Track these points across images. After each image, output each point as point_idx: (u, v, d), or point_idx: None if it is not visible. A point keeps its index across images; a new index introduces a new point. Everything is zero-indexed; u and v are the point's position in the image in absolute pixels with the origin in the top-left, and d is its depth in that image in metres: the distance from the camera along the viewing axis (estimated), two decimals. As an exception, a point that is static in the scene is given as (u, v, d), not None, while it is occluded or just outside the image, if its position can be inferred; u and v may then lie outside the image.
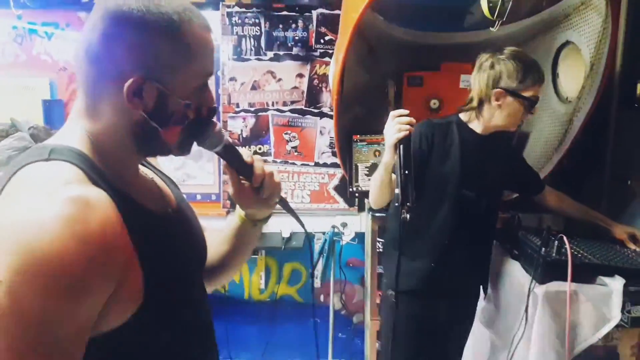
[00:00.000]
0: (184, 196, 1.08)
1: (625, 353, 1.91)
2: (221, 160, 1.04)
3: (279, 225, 2.96)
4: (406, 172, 1.44)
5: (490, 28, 2.13)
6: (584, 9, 2.33)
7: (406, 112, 1.55)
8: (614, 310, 1.86)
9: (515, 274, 2.09)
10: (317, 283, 3.16)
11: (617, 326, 1.82)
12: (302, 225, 1.11)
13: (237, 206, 1.08)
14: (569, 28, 2.46)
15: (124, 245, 0.75)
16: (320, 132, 2.97)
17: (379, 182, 1.73)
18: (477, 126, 1.96)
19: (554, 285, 1.90)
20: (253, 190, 1.00)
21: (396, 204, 1.68)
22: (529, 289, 1.92)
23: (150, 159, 1.06)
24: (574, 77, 2.49)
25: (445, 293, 2.00)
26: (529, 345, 1.92)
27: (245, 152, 0.98)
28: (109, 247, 0.71)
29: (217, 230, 1.17)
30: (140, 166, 0.96)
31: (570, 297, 1.85)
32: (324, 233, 2.98)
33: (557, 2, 2.48)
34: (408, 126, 1.51)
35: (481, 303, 2.25)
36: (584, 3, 2.32)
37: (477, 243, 2.04)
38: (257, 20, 2.88)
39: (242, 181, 1.00)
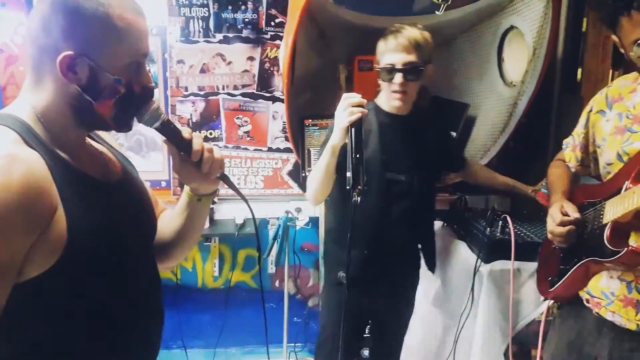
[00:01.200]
0: (137, 174, 1.17)
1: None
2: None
3: (232, 212, 2.93)
4: (357, 155, 1.44)
5: (436, 12, 2.14)
6: (528, -6, 2.40)
7: (358, 95, 1.55)
8: (553, 286, 1.95)
9: (462, 254, 2.15)
10: (272, 268, 3.16)
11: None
12: (247, 202, 1.16)
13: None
14: (513, 13, 2.52)
15: (49, 198, 0.86)
16: (273, 116, 2.93)
17: (324, 167, 1.69)
18: (389, 108, 1.90)
19: (499, 264, 1.97)
20: (193, 165, 1.05)
21: (344, 190, 1.67)
22: (475, 268, 1.98)
23: (105, 137, 1.15)
24: (518, 61, 2.56)
25: (381, 281, 1.94)
26: (475, 322, 1.98)
27: (185, 129, 1.05)
28: (31, 197, 0.82)
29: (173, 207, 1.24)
30: (91, 141, 1.07)
31: (513, 275, 1.92)
32: (278, 218, 2.96)
33: (504, -13, 2.54)
34: (360, 108, 1.51)
35: (431, 284, 2.31)
36: (528, -12, 2.38)
37: (413, 226, 1.99)
38: (205, 1, 2.80)
39: (183, 156, 1.05)
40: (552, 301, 1.64)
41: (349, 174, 1.44)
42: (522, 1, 2.45)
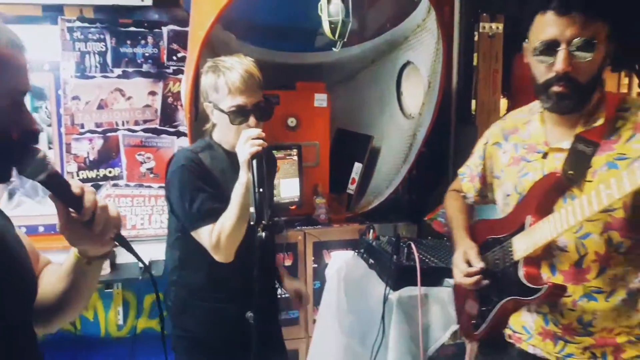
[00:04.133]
0: (13, 228, 1.01)
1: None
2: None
3: (135, 254, 2.77)
4: (260, 189, 1.41)
5: (333, 48, 2.20)
6: (420, 31, 2.55)
7: (258, 130, 1.52)
8: (458, 309, 2.01)
9: (373, 282, 2.17)
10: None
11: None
12: (142, 262, 1.04)
13: None
14: (408, 49, 2.67)
15: None
16: (178, 152, 2.84)
17: (239, 205, 1.52)
18: (230, 147, 1.65)
19: (406, 291, 2.01)
20: (83, 225, 0.91)
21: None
22: (384, 296, 2.00)
23: None
24: (416, 94, 2.70)
25: (238, 337, 1.61)
26: (387, 350, 1.99)
27: (74, 182, 0.92)
28: None
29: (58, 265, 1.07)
30: None
31: (420, 301, 1.96)
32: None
33: (399, 24, 2.68)
34: (260, 141, 1.49)
35: (345, 316, 2.30)
36: (420, 26, 2.54)
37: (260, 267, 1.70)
38: (101, 36, 2.69)
39: (72, 214, 0.91)
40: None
41: (252, 209, 1.40)
42: (416, 38, 2.61)
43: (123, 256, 2.78)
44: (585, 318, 1.19)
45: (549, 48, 1.12)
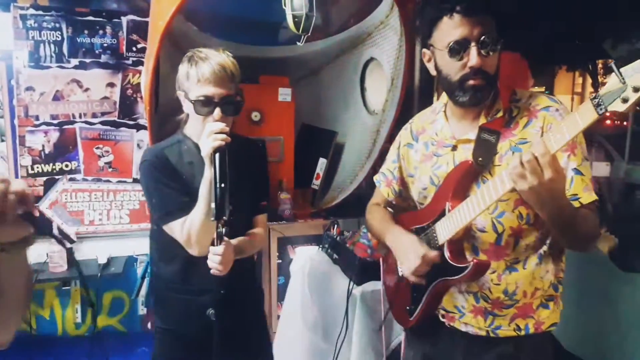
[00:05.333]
0: None
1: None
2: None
3: (93, 251, 2.71)
4: (222, 184, 1.39)
5: (297, 42, 2.19)
6: (383, 28, 2.57)
7: (221, 124, 1.50)
8: (421, 303, 2.04)
9: (337, 277, 2.19)
10: (142, 309, 2.94)
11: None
12: (64, 245, 0.97)
13: None
14: (372, 45, 2.69)
15: None
16: (138, 145, 2.77)
17: (205, 200, 1.48)
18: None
19: (370, 285, 2.03)
20: None
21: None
22: (348, 290, 2.02)
23: None
24: (379, 91, 2.72)
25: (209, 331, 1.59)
26: (351, 345, 2.01)
27: None
28: None
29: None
30: None
31: (384, 295, 1.98)
32: (146, 255, 2.78)
33: (362, 21, 2.69)
34: (223, 135, 1.45)
35: (310, 311, 2.31)
36: (383, 22, 2.55)
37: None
38: (57, 25, 2.59)
39: None
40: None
41: (212, 205, 1.38)
42: (380, 34, 2.62)
43: (81, 252, 2.71)
44: (510, 289, 1.31)
45: (460, 47, 1.22)
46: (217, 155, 1.43)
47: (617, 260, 2.12)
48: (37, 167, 2.66)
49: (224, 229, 1.41)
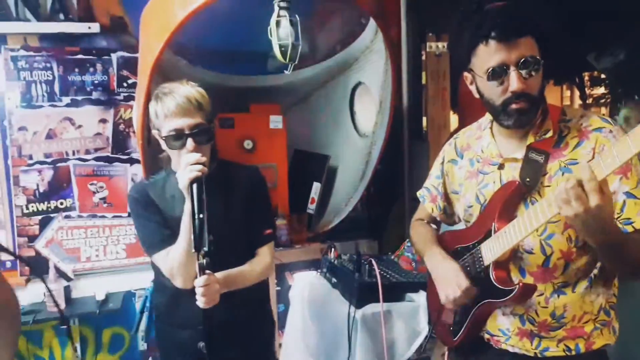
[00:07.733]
0: None
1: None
2: (14, 226, 0.80)
3: (91, 288, 2.69)
4: (200, 215, 1.39)
5: (285, 71, 2.23)
6: (369, 53, 2.62)
7: (197, 155, 1.49)
8: (422, 324, 2.03)
9: (337, 301, 2.17)
10: (143, 345, 2.90)
11: (428, 338, 1.93)
12: (16, 257, 0.90)
13: None
14: (359, 70, 2.74)
15: None
16: (132, 179, 2.78)
17: (186, 232, 1.49)
18: None
19: (370, 308, 2.02)
20: None
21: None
22: (349, 314, 2.01)
23: None
24: (368, 114, 2.75)
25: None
26: (354, 369, 1.99)
27: None
28: None
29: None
30: None
31: (384, 317, 1.97)
32: (145, 289, 2.76)
33: (348, 46, 2.74)
34: (199, 166, 1.44)
35: (311, 336, 2.28)
36: (368, 47, 2.61)
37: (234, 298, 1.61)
38: (48, 64, 2.63)
39: None
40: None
41: (191, 236, 1.38)
42: (366, 59, 2.67)
43: (79, 289, 2.69)
44: (558, 312, 1.28)
45: (499, 73, 1.21)
46: (194, 186, 1.43)
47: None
48: (32, 207, 2.65)
49: (204, 260, 1.40)
